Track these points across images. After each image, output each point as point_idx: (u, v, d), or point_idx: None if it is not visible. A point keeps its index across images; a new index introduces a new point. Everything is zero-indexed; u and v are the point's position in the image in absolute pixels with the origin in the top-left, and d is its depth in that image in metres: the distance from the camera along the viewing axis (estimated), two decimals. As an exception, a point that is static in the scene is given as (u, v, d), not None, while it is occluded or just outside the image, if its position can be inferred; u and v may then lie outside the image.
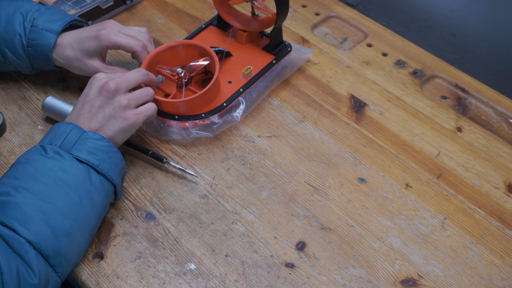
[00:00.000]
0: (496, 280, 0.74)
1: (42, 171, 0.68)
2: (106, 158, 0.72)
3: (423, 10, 1.19)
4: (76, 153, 0.70)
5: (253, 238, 0.76)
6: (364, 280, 0.73)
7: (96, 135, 0.72)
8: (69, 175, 0.68)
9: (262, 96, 0.91)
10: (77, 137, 0.71)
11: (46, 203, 0.66)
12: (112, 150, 0.73)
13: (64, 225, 0.66)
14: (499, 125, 0.92)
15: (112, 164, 0.72)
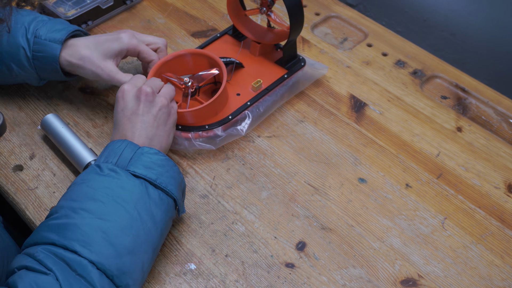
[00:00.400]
0: (496, 280, 0.74)
1: (99, 190, 0.66)
2: (163, 172, 0.70)
3: (423, 10, 1.19)
4: (133, 168, 0.69)
5: (253, 238, 0.76)
6: (364, 280, 0.73)
7: (152, 149, 0.71)
8: (126, 191, 0.67)
9: (270, 111, 0.89)
10: (132, 153, 0.70)
11: (105, 222, 0.64)
12: (169, 164, 0.72)
13: (126, 242, 0.64)
14: (499, 125, 0.92)
15: (170, 177, 0.71)
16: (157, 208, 0.68)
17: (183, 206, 0.74)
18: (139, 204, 0.67)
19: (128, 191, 0.67)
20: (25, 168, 0.83)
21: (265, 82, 0.89)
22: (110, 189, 0.66)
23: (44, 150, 0.85)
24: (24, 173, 0.82)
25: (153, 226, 0.67)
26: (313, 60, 0.95)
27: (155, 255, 0.69)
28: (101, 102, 0.92)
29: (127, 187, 0.67)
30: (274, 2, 0.89)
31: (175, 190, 0.71)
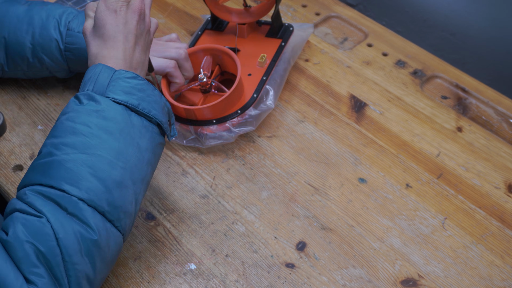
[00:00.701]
0: (497, 280, 0.73)
1: (79, 122, 0.63)
2: (144, 96, 0.66)
3: (423, 10, 1.19)
4: (112, 95, 0.64)
5: (253, 238, 0.76)
6: (364, 280, 0.73)
7: (128, 73, 0.66)
8: (108, 121, 0.63)
9: (284, 78, 0.92)
10: (109, 78, 0.65)
11: (90, 156, 0.61)
12: (149, 87, 0.67)
13: (114, 175, 0.62)
14: (499, 125, 0.92)
15: (152, 102, 0.67)
16: (141, 136, 0.65)
17: (174, 129, 0.72)
18: (123, 133, 0.64)
19: (110, 120, 0.63)
20: (25, 168, 0.83)
21: (267, 55, 0.91)
22: (91, 120, 0.63)
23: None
24: (24, 173, 0.82)
25: (140, 155, 0.65)
26: (298, 23, 0.99)
27: (146, 186, 0.68)
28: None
29: (109, 115, 0.64)
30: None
31: (159, 115, 0.68)
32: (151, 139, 0.67)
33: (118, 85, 0.65)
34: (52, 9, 0.85)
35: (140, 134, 0.65)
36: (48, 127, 0.88)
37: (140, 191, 0.66)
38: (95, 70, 0.66)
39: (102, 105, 0.64)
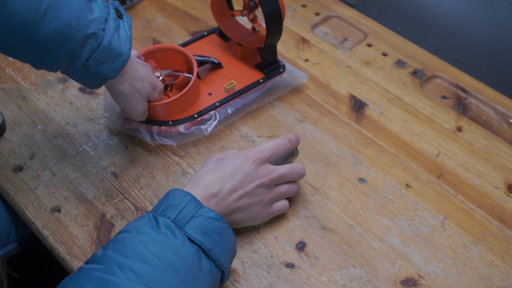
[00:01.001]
0: (497, 280, 0.73)
1: (151, 250, 0.60)
2: (220, 241, 0.64)
3: (423, 10, 1.19)
4: (190, 231, 0.62)
5: (253, 238, 0.76)
6: (364, 280, 0.73)
7: (212, 212, 0.65)
8: (179, 259, 0.60)
9: (239, 114, 0.88)
10: (193, 212, 0.64)
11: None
12: (227, 233, 0.65)
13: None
14: (499, 125, 0.92)
15: (225, 249, 0.65)
16: (205, 281, 0.62)
17: (228, 275, 0.69)
18: (189, 275, 0.60)
19: (181, 258, 0.60)
20: (25, 168, 0.83)
21: (239, 84, 0.89)
22: (163, 253, 0.60)
23: (44, 150, 0.85)
24: (24, 173, 0.82)
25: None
26: (294, 67, 0.94)
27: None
28: (101, 103, 0.92)
29: (181, 253, 0.61)
30: (257, 5, 0.88)
31: (226, 263, 0.65)
32: (212, 285, 0.64)
33: (199, 222, 0.63)
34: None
35: (205, 279, 0.62)
36: (48, 127, 0.88)
37: None
38: (183, 198, 0.65)
39: (178, 241, 0.61)
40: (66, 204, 0.79)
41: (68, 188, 0.81)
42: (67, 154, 0.85)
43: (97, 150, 0.85)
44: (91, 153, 0.85)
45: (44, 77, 0.94)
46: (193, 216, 0.63)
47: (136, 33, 1.03)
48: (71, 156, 0.85)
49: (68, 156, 0.85)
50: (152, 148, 0.86)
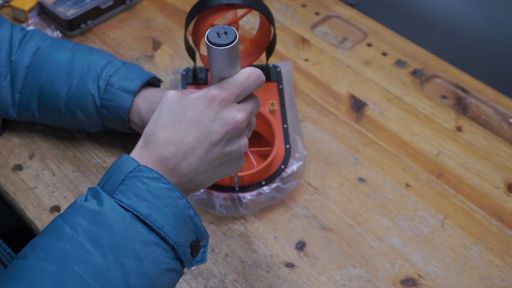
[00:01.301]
0: (496, 280, 0.73)
1: (68, 223, 0.50)
2: (160, 206, 0.51)
3: (424, 10, 1.19)
4: (120, 196, 0.51)
5: (253, 237, 0.76)
6: (364, 280, 0.73)
7: (151, 172, 0.52)
8: (101, 229, 0.49)
9: (298, 122, 0.87)
10: (125, 174, 0.52)
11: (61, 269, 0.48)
12: (172, 195, 0.52)
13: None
14: (499, 125, 0.92)
15: (169, 214, 0.51)
16: (141, 258, 0.50)
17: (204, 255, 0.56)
18: (116, 248, 0.49)
19: (104, 228, 0.49)
20: (24, 167, 0.83)
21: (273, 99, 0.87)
22: (81, 223, 0.50)
23: (43, 150, 0.85)
24: (23, 172, 0.82)
25: (132, 281, 0.49)
26: (278, 62, 0.94)
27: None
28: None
29: (105, 222, 0.50)
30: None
31: (175, 233, 0.52)
32: (155, 263, 0.51)
33: (132, 185, 0.51)
34: (95, 60, 0.79)
35: (141, 254, 0.50)
36: (48, 127, 0.88)
37: None
38: (118, 161, 0.54)
39: (103, 207, 0.50)
40: (65, 203, 0.79)
41: (67, 188, 0.81)
42: (66, 154, 0.85)
43: (97, 150, 0.85)
44: (90, 153, 0.85)
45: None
46: (124, 178, 0.52)
47: (136, 33, 1.03)
48: (71, 155, 0.85)
49: (68, 156, 0.85)
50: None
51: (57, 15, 0.98)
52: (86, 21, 1.01)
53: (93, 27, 1.03)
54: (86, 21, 1.01)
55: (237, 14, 0.85)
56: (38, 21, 1.03)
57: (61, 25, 1.01)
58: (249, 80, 0.56)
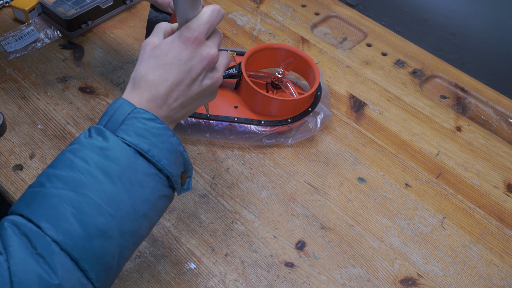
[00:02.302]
0: (496, 280, 0.74)
1: (79, 156, 0.57)
2: (157, 143, 0.59)
3: (423, 10, 1.19)
4: (123, 134, 0.58)
5: (253, 237, 0.76)
6: (364, 279, 0.73)
7: (147, 113, 0.60)
8: (110, 162, 0.57)
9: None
10: (125, 115, 0.59)
11: (78, 195, 0.55)
12: (166, 134, 0.60)
13: (99, 222, 0.55)
14: (498, 125, 0.92)
15: (165, 150, 0.60)
16: (144, 185, 0.58)
17: (189, 183, 0.65)
18: (122, 178, 0.57)
19: (112, 161, 0.57)
20: (25, 167, 0.83)
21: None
22: (91, 157, 0.57)
23: (44, 150, 0.85)
24: (24, 172, 0.83)
25: (136, 205, 0.58)
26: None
27: (137, 240, 0.59)
28: (101, 102, 0.92)
29: (113, 155, 0.57)
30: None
31: (170, 166, 0.60)
32: (154, 190, 0.59)
33: (132, 125, 0.59)
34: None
35: (143, 183, 0.58)
36: (48, 127, 0.88)
37: (128, 245, 0.58)
38: (115, 104, 0.60)
39: (109, 143, 0.58)
40: (66, 203, 0.79)
41: (68, 188, 0.81)
42: (67, 154, 0.85)
43: (97, 149, 0.85)
44: (91, 153, 0.85)
45: (44, 77, 0.94)
46: (125, 119, 0.59)
47: (136, 33, 1.03)
48: (71, 155, 0.85)
49: (68, 155, 0.85)
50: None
51: (57, 15, 0.98)
52: (87, 21, 1.01)
53: (93, 27, 1.03)
54: (86, 21, 1.01)
55: None
56: (39, 21, 1.03)
57: (61, 25, 1.01)
58: (212, 17, 0.64)
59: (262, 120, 0.84)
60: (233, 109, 0.86)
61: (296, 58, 0.89)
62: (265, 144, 0.86)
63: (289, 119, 0.85)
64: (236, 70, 0.86)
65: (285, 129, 0.86)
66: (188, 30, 0.63)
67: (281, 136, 0.86)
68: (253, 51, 0.88)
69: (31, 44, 0.99)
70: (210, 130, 0.86)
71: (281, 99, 0.84)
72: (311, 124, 0.86)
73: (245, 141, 0.85)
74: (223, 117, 0.85)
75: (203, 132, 0.86)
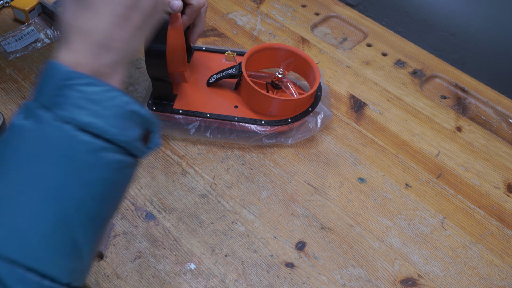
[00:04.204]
0: (496, 280, 0.74)
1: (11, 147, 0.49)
2: (99, 110, 0.49)
3: (423, 10, 1.19)
4: (58, 110, 0.48)
5: (253, 237, 0.76)
6: (364, 279, 0.73)
7: (82, 77, 0.49)
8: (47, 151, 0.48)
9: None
10: (57, 84, 0.49)
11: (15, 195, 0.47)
12: (109, 96, 0.50)
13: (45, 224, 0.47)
14: (498, 125, 0.92)
15: (110, 117, 0.50)
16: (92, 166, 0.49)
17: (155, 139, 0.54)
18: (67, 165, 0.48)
19: (50, 149, 0.48)
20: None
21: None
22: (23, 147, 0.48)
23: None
24: (24, 173, 0.82)
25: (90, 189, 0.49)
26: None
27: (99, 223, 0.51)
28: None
29: (49, 143, 0.48)
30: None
31: (120, 133, 0.50)
32: (106, 166, 0.50)
33: (67, 96, 0.49)
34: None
35: (90, 162, 0.49)
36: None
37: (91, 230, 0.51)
38: (46, 71, 0.50)
39: (42, 126, 0.48)
40: (66, 203, 0.79)
41: (68, 188, 0.81)
42: (67, 154, 0.85)
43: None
44: (91, 153, 0.85)
45: (44, 77, 0.94)
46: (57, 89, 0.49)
47: (136, 33, 1.03)
48: (71, 156, 0.85)
49: (68, 156, 0.85)
50: (152, 148, 0.86)
51: (57, 15, 0.98)
52: (87, 21, 1.01)
53: (93, 27, 1.03)
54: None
55: None
56: (39, 22, 1.03)
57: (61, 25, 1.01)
58: None
59: (263, 120, 0.84)
60: (234, 109, 0.86)
61: (297, 58, 0.89)
62: (265, 144, 0.86)
63: (290, 119, 0.84)
64: (236, 70, 0.86)
65: (285, 129, 0.85)
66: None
67: (281, 136, 0.86)
68: (253, 51, 0.88)
69: (31, 44, 0.99)
70: (211, 129, 0.86)
71: (282, 99, 0.84)
72: (311, 124, 0.86)
73: (245, 140, 0.85)
74: (223, 116, 0.85)
75: (204, 131, 0.86)
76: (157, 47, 0.76)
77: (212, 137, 0.86)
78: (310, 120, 0.86)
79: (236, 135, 0.85)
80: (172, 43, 0.78)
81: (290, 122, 0.84)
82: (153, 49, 0.76)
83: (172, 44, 0.78)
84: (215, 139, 0.86)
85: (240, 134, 0.85)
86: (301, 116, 0.85)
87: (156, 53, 0.76)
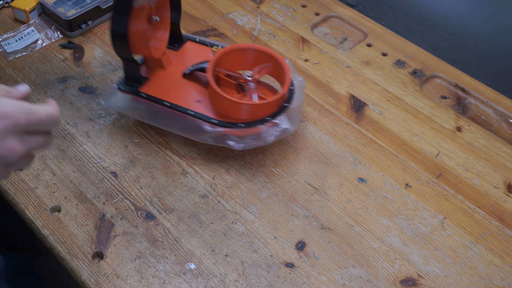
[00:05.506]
0: (496, 280, 0.74)
1: None
2: None
3: (423, 10, 1.19)
4: None
5: (253, 238, 0.76)
6: (364, 279, 0.73)
7: None
8: None
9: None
10: None
11: None
12: None
13: None
14: (498, 125, 0.92)
15: None
16: None
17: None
18: None
19: None
20: (24, 168, 0.83)
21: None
22: None
23: (44, 150, 0.85)
24: (24, 172, 0.83)
25: None
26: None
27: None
28: (101, 102, 0.92)
29: None
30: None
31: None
32: None
33: None
34: None
35: None
36: (48, 127, 0.88)
37: None
38: None
39: None
40: (66, 203, 0.79)
41: (68, 188, 0.81)
42: (67, 154, 0.85)
43: (97, 149, 0.85)
44: (91, 153, 0.85)
45: (44, 77, 0.94)
46: None
47: (136, 33, 1.03)
48: (71, 155, 0.85)
49: (68, 155, 0.85)
50: (152, 148, 0.86)
51: (57, 15, 0.98)
52: (87, 21, 1.01)
53: (93, 27, 1.03)
54: (86, 21, 1.01)
55: None
56: (39, 22, 1.03)
57: (61, 26, 1.01)
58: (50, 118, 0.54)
59: (216, 120, 0.81)
60: (195, 103, 0.83)
61: (268, 60, 0.85)
62: (211, 143, 0.82)
63: (244, 124, 0.80)
64: (207, 65, 0.84)
65: (236, 133, 0.81)
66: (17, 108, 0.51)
67: (233, 139, 0.81)
68: (228, 50, 0.85)
69: (31, 45, 0.99)
70: (166, 118, 0.84)
71: (232, 100, 0.79)
72: (265, 133, 0.81)
73: (194, 136, 0.82)
74: (180, 108, 0.82)
75: (161, 118, 0.84)
76: (117, 28, 0.78)
77: (165, 126, 0.84)
78: (265, 129, 0.81)
79: (188, 129, 0.82)
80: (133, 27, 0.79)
81: (244, 128, 0.80)
82: (114, 30, 0.78)
83: (134, 28, 0.79)
84: (167, 128, 0.84)
85: (191, 129, 0.82)
86: (256, 123, 0.80)
87: (116, 33, 0.79)
